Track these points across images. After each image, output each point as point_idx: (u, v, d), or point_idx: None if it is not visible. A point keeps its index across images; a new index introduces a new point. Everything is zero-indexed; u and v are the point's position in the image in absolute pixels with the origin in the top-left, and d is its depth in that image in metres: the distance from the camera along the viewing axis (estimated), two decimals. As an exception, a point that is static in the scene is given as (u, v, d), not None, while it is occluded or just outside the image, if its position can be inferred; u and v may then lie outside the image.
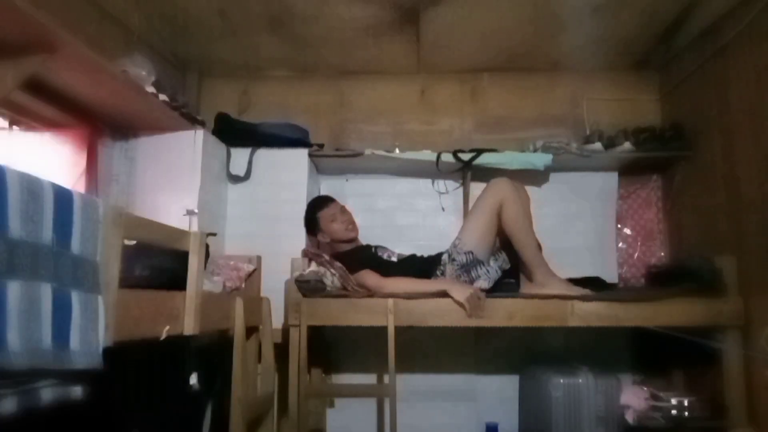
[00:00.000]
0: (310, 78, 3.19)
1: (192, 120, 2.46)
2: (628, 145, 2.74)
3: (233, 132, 2.77)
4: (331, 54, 2.94)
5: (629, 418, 2.34)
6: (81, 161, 2.07)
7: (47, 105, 1.94)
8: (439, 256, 2.49)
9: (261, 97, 3.18)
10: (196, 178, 2.39)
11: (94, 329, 1.21)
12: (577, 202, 2.95)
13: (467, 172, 2.86)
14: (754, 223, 2.19)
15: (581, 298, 2.21)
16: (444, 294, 2.21)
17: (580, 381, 2.40)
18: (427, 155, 2.78)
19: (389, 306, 2.20)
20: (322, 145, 2.88)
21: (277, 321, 2.48)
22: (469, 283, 2.37)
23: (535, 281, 2.34)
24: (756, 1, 2.14)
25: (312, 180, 2.85)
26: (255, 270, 2.50)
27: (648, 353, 2.77)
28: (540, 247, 2.44)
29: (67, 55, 1.64)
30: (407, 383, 2.64)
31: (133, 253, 1.53)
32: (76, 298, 1.17)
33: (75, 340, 1.16)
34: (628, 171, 2.99)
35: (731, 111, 2.35)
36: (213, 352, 2.00)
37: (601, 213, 2.97)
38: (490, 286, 2.39)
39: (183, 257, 1.72)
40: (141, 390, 1.55)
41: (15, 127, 1.98)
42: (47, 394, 1.14)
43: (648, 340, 2.49)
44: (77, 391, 1.21)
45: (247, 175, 2.71)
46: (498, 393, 2.85)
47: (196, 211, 2.34)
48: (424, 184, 3.03)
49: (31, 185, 1.09)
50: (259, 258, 2.54)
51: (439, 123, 3.17)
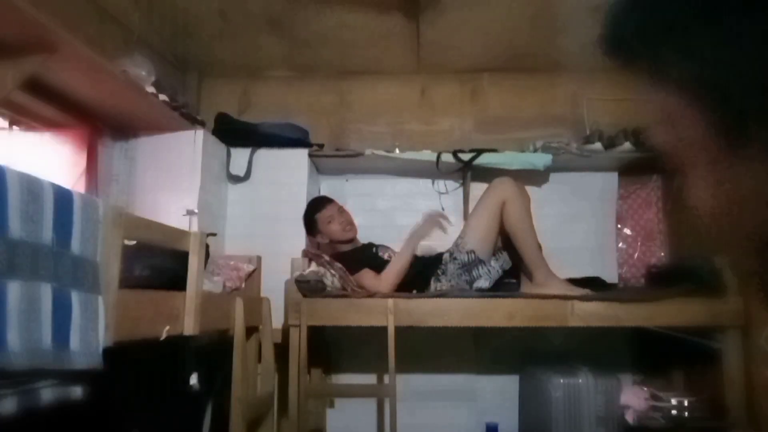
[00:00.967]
0: (310, 78, 3.18)
1: (192, 120, 2.46)
2: (628, 145, 2.74)
3: (233, 132, 2.77)
4: (331, 54, 2.94)
5: (629, 418, 2.34)
6: (81, 161, 2.07)
7: (47, 105, 1.94)
8: (439, 256, 2.49)
9: (261, 97, 3.18)
10: (196, 178, 2.39)
11: (94, 329, 1.21)
12: (577, 202, 2.95)
13: (467, 172, 2.86)
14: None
15: (581, 298, 2.22)
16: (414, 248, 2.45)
17: (580, 381, 2.40)
18: (427, 155, 2.78)
19: (389, 306, 2.20)
20: (322, 145, 2.87)
21: (277, 321, 2.48)
22: (470, 282, 2.38)
23: (535, 281, 2.34)
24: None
25: (312, 180, 2.84)
26: (255, 270, 2.50)
27: (648, 353, 2.77)
28: (540, 248, 2.44)
29: (67, 55, 1.64)
30: (407, 383, 2.64)
31: (133, 254, 1.53)
32: (76, 298, 1.17)
33: (75, 341, 1.16)
34: (628, 171, 2.99)
35: (731, 111, 2.35)
36: (213, 352, 2.00)
37: (601, 213, 2.97)
38: (491, 285, 2.39)
39: (183, 257, 1.73)
40: (141, 390, 1.55)
41: (15, 127, 1.98)
42: (47, 394, 1.14)
43: (648, 340, 2.48)
44: (77, 391, 1.21)
45: (247, 175, 2.71)
46: (498, 393, 2.85)
47: (196, 211, 2.34)
48: (424, 184, 3.03)
49: (31, 185, 1.09)
50: (259, 258, 2.54)
51: (439, 123, 3.16)
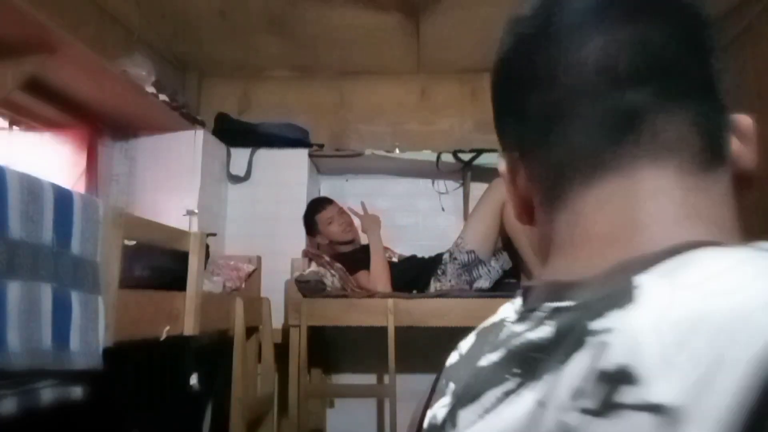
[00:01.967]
0: (310, 78, 3.18)
1: (192, 120, 2.46)
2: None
3: (233, 132, 2.77)
4: (331, 54, 2.94)
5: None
6: (81, 161, 2.07)
7: (47, 105, 1.94)
8: (439, 256, 2.49)
9: (261, 98, 3.18)
10: (196, 178, 2.39)
11: (94, 329, 1.21)
12: (577, 202, 2.95)
13: (467, 172, 2.86)
14: (754, 224, 2.19)
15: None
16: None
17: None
18: (427, 155, 2.78)
19: (389, 306, 2.20)
20: (322, 146, 2.87)
21: (277, 321, 2.48)
22: (470, 282, 2.38)
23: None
24: (756, 2, 2.14)
25: (312, 180, 2.85)
26: (255, 270, 2.50)
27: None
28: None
29: (67, 55, 1.64)
30: (407, 383, 2.63)
31: (133, 254, 1.53)
32: (76, 298, 1.17)
33: (75, 341, 1.16)
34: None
35: (731, 111, 2.35)
36: (213, 353, 2.00)
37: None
38: (491, 285, 2.39)
39: (183, 257, 1.73)
40: (141, 390, 1.55)
41: (15, 127, 1.98)
42: (47, 394, 1.14)
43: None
44: (77, 391, 1.21)
45: (247, 175, 2.71)
46: (498, 393, 2.85)
47: (196, 211, 2.34)
48: (424, 184, 3.03)
49: (31, 186, 1.09)
50: (259, 258, 2.54)
51: (440, 123, 3.16)
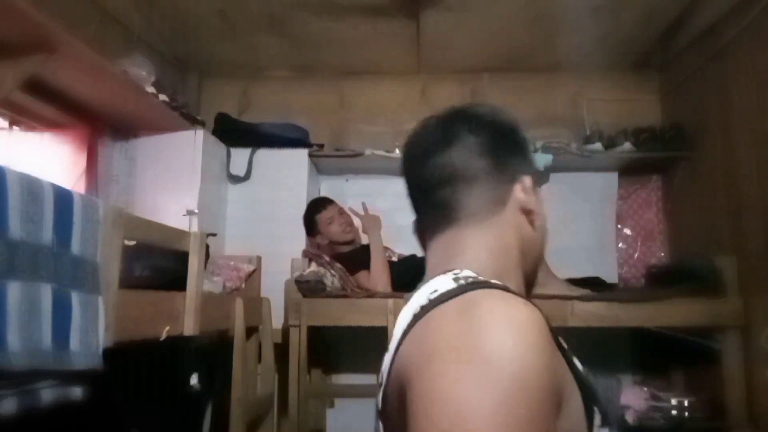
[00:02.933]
0: (310, 78, 3.18)
1: (192, 120, 2.46)
2: (628, 145, 2.74)
3: (233, 132, 2.77)
4: (331, 54, 2.94)
5: (629, 418, 2.34)
6: (81, 161, 2.07)
7: (47, 105, 1.94)
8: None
9: (261, 98, 3.18)
10: (196, 178, 2.39)
11: (94, 330, 1.21)
12: (577, 202, 2.95)
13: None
14: (754, 223, 2.19)
15: (581, 298, 2.21)
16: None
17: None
18: (428, 155, 2.77)
19: (389, 306, 2.20)
20: (322, 146, 2.87)
21: (277, 321, 2.48)
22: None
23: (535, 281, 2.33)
24: (756, 2, 2.14)
25: (312, 180, 2.84)
26: (255, 270, 2.50)
27: (648, 353, 2.77)
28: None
29: (67, 55, 1.64)
30: (407, 383, 2.63)
31: (133, 254, 1.53)
32: (76, 298, 1.17)
33: (75, 341, 1.16)
34: (628, 171, 2.99)
35: (732, 112, 2.35)
36: (213, 353, 2.00)
37: (601, 213, 2.97)
38: None
39: (183, 258, 1.73)
40: (141, 390, 1.55)
41: (15, 127, 1.98)
42: (47, 394, 1.14)
43: (648, 341, 2.48)
44: (77, 391, 1.21)
45: (247, 175, 2.71)
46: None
47: (196, 211, 2.34)
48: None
49: (31, 186, 1.09)
50: (259, 258, 2.54)
51: (440, 123, 3.16)
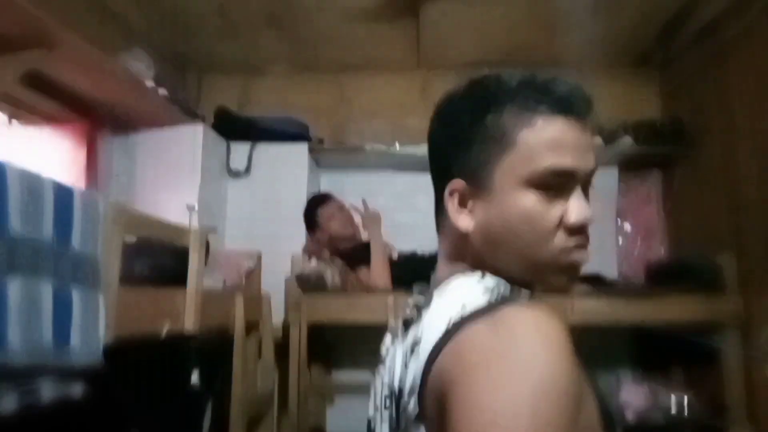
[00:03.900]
0: (310, 74, 3.17)
1: (192, 114, 2.45)
2: (628, 139, 2.73)
3: (233, 126, 2.76)
4: (331, 50, 2.93)
5: (629, 416, 2.34)
6: (81, 157, 2.07)
7: (47, 100, 1.93)
8: (439, 253, 2.49)
9: (261, 94, 3.17)
10: (196, 174, 2.38)
11: (94, 327, 1.21)
12: (577, 198, 2.95)
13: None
14: (754, 221, 2.19)
15: (580, 294, 2.21)
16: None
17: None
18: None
19: (390, 303, 2.20)
20: (322, 140, 2.87)
21: (277, 318, 2.47)
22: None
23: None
24: (757, 0, 2.14)
25: (312, 175, 2.84)
26: (255, 267, 2.49)
27: (648, 351, 2.77)
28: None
29: (66, 50, 1.64)
30: (407, 380, 2.63)
31: (133, 250, 1.53)
32: (76, 295, 1.17)
33: (75, 338, 1.16)
34: (628, 167, 2.99)
35: (732, 109, 2.35)
36: (213, 350, 1.99)
37: (601, 209, 2.97)
38: None
39: (183, 254, 1.72)
40: (141, 388, 1.55)
41: (14, 121, 1.97)
42: (47, 391, 1.13)
43: (648, 338, 2.49)
44: (77, 388, 1.21)
45: (247, 170, 2.71)
46: (497, 390, 2.85)
47: (196, 207, 2.33)
48: (425, 179, 3.01)
49: (31, 182, 1.09)
50: (259, 255, 2.54)
51: (440, 120, 3.15)
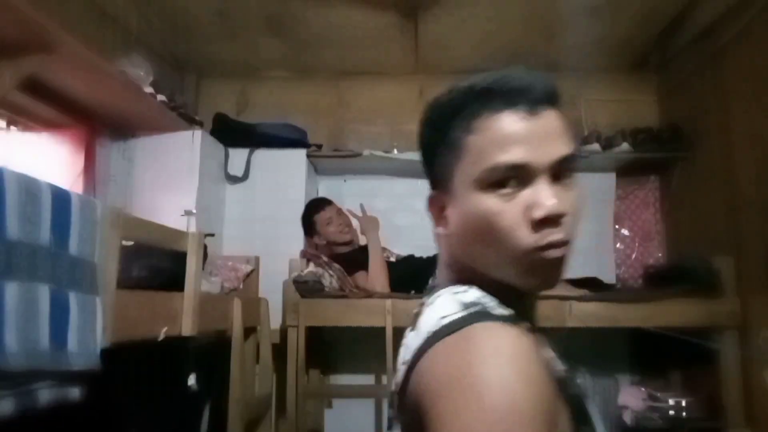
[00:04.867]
0: (309, 78, 3.18)
1: (190, 120, 2.45)
2: (625, 145, 2.74)
3: (231, 132, 2.77)
4: (330, 54, 2.94)
5: (627, 418, 2.34)
6: (79, 161, 2.07)
7: (45, 105, 1.93)
8: (437, 256, 2.49)
9: (259, 98, 3.18)
10: (194, 178, 2.38)
11: (91, 330, 1.21)
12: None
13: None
14: (751, 224, 2.19)
15: (579, 298, 2.22)
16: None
17: (578, 381, 2.40)
18: (426, 156, 2.77)
19: (387, 306, 2.20)
20: (320, 146, 2.87)
21: (275, 322, 2.48)
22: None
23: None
24: (754, 3, 2.15)
25: (310, 180, 2.84)
26: (253, 271, 2.50)
27: (646, 354, 2.77)
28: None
29: (65, 55, 1.64)
30: (405, 384, 2.63)
31: (130, 254, 1.53)
32: (73, 299, 1.17)
33: (73, 341, 1.16)
34: (626, 172, 3.00)
35: (729, 112, 2.36)
36: (211, 353, 2.00)
37: (599, 214, 2.97)
38: None
39: (181, 258, 1.72)
40: (139, 391, 1.55)
41: (13, 127, 1.98)
42: (45, 395, 1.13)
43: (646, 341, 2.49)
44: (75, 392, 1.21)
45: (245, 175, 2.71)
46: (496, 393, 2.84)
47: (194, 211, 2.34)
48: (423, 184, 3.00)
49: (29, 186, 1.09)
50: (257, 259, 2.54)
51: (438, 123, 3.16)
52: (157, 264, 1.66)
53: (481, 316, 0.63)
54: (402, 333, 0.73)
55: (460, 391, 0.55)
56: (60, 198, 1.17)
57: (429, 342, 0.62)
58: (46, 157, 2.02)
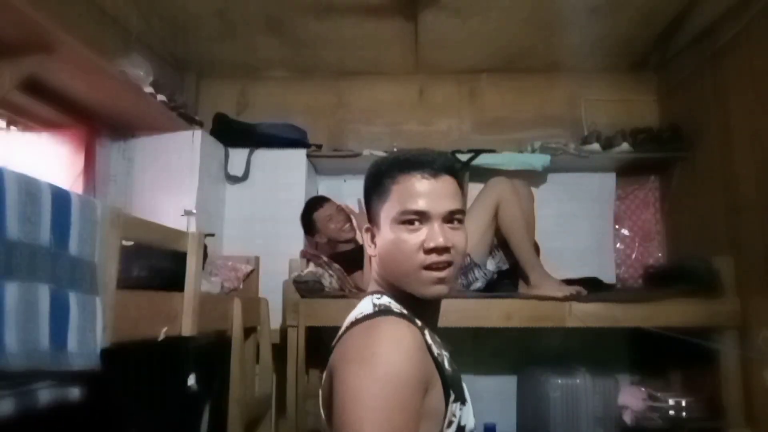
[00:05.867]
0: (309, 78, 3.18)
1: (190, 120, 2.45)
2: (625, 145, 2.75)
3: (231, 132, 2.77)
4: (330, 54, 2.94)
5: (627, 418, 2.34)
6: (79, 162, 2.07)
7: (45, 105, 1.93)
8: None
9: (259, 98, 3.18)
10: (194, 178, 2.38)
11: (91, 330, 1.21)
12: (574, 202, 2.96)
13: (465, 172, 2.86)
14: (751, 224, 2.19)
15: (578, 299, 2.22)
16: None
17: (578, 381, 2.40)
18: (426, 156, 2.77)
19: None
20: (320, 146, 2.88)
21: (275, 322, 2.48)
22: (466, 285, 2.38)
23: (530, 283, 2.34)
24: (753, 3, 2.15)
25: (310, 180, 2.85)
26: (253, 271, 2.50)
27: (646, 354, 2.77)
28: (538, 249, 2.43)
29: (65, 55, 1.64)
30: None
31: (130, 254, 1.53)
32: (73, 299, 1.17)
33: (73, 342, 1.16)
34: (626, 172, 3.00)
35: (729, 112, 2.36)
36: (211, 353, 2.00)
37: (599, 214, 2.98)
38: (484, 286, 2.40)
39: (181, 258, 1.72)
40: (139, 391, 1.55)
41: (13, 127, 1.98)
42: (45, 395, 1.13)
43: (646, 341, 2.49)
44: (75, 392, 1.21)
45: (245, 175, 2.71)
46: (496, 393, 2.85)
47: (194, 211, 2.34)
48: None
49: (29, 186, 1.09)
50: (257, 259, 2.54)
51: (438, 123, 3.17)
52: (157, 264, 1.66)
53: (385, 312, 0.94)
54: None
55: (359, 361, 0.82)
56: (60, 198, 1.17)
57: (347, 329, 0.94)
58: (46, 157, 2.02)
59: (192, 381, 1.70)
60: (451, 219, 0.96)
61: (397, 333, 0.86)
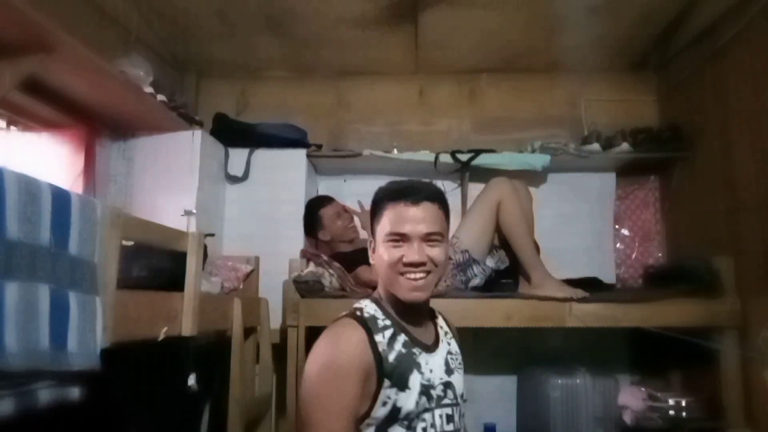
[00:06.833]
0: (309, 78, 3.18)
1: (190, 120, 2.45)
2: (625, 145, 2.75)
3: (231, 132, 2.77)
4: (330, 54, 2.94)
5: (627, 418, 2.34)
6: (79, 162, 2.07)
7: (45, 105, 1.93)
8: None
9: (259, 98, 3.18)
10: (194, 178, 2.38)
11: (91, 330, 1.21)
12: (574, 202, 2.96)
13: (465, 172, 2.86)
14: (751, 224, 2.19)
15: (578, 299, 2.22)
16: None
17: (578, 381, 2.40)
18: (425, 156, 2.78)
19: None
20: (320, 146, 2.88)
21: (275, 322, 2.48)
22: (465, 282, 2.38)
23: (531, 282, 2.34)
24: (754, 3, 2.15)
25: (310, 180, 2.85)
26: (253, 270, 2.50)
27: (646, 354, 2.77)
28: (538, 249, 2.44)
29: (64, 55, 1.64)
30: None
31: (131, 254, 1.53)
32: (73, 299, 1.17)
33: (72, 342, 1.16)
34: (626, 172, 3.00)
35: (729, 112, 2.36)
36: (211, 353, 1.99)
37: (599, 214, 2.98)
38: (482, 283, 2.40)
39: (181, 258, 1.72)
40: (139, 391, 1.55)
41: (12, 127, 1.98)
42: (45, 395, 1.13)
43: (646, 341, 2.49)
44: (75, 392, 1.21)
45: (245, 175, 2.71)
46: (496, 393, 2.85)
47: (194, 211, 2.33)
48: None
49: (29, 186, 1.09)
50: (257, 259, 2.54)
51: (438, 123, 3.17)
52: (157, 264, 1.66)
53: (349, 315, 1.22)
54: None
55: (313, 353, 1.16)
56: (60, 198, 1.17)
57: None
58: (46, 157, 2.02)
59: (192, 381, 1.70)
60: (428, 239, 1.20)
61: (339, 331, 1.17)
